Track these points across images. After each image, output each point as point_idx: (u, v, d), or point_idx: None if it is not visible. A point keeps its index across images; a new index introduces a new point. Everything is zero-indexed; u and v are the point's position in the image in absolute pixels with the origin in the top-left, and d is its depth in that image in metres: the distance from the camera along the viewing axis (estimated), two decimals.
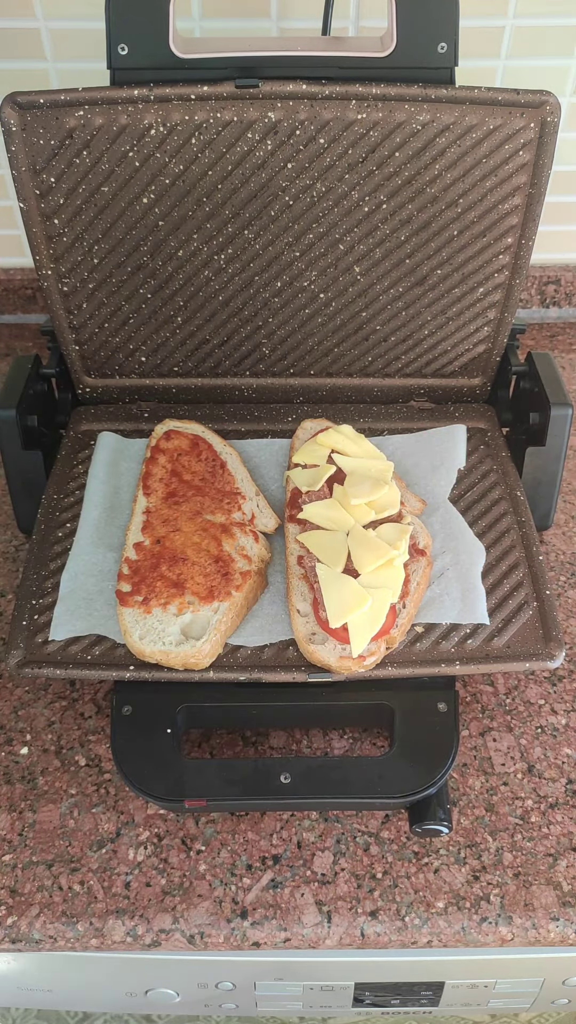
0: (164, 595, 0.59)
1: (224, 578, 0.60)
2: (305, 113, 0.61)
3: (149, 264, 0.68)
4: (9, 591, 0.73)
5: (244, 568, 0.61)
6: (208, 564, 0.61)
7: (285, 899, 0.56)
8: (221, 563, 0.61)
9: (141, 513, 0.65)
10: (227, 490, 0.67)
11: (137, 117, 0.61)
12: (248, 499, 0.67)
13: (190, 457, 0.69)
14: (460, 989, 0.67)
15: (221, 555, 0.62)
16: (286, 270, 0.69)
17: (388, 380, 0.77)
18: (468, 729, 0.64)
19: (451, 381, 0.77)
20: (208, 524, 0.64)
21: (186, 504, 0.65)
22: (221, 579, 0.60)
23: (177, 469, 0.68)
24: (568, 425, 0.68)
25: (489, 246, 0.67)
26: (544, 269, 0.99)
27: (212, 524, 0.64)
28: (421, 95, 0.60)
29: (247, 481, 0.69)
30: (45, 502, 0.69)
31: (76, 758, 0.62)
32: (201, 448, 0.70)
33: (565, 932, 0.55)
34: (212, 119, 0.61)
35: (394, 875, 0.57)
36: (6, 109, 0.60)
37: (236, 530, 0.64)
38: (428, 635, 0.60)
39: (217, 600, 0.59)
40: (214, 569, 0.61)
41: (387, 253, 0.68)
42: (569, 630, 0.70)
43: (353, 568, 0.59)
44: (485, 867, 0.57)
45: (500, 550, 0.65)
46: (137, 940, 0.55)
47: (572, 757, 0.63)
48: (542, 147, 0.62)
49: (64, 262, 0.68)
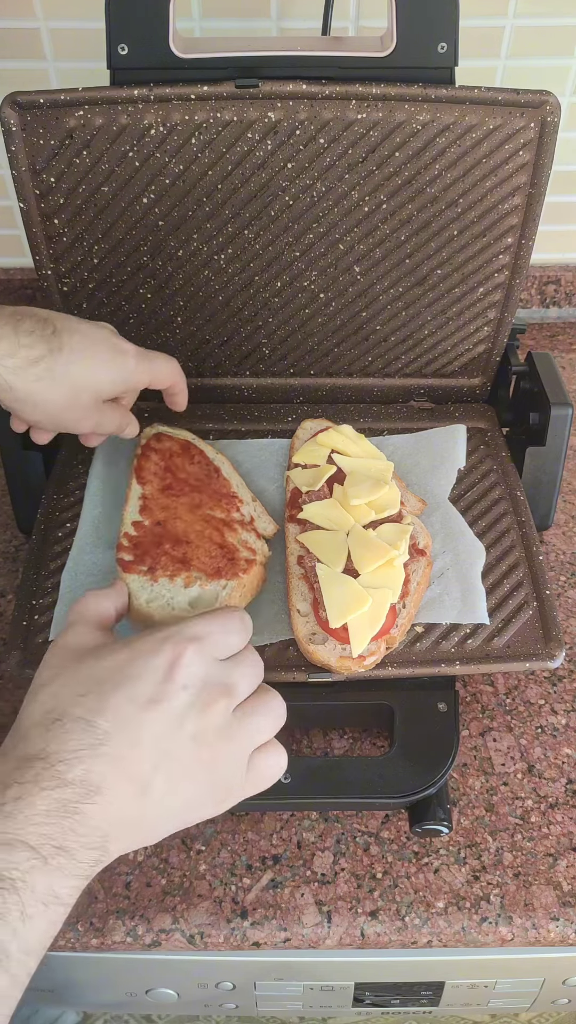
0: (170, 568, 0.58)
1: (230, 562, 0.59)
2: (305, 113, 0.61)
3: (149, 264, 0.68)
4: (9, 591, 0.73)
5: (249, 557, 0.61)
6: (213, 549, 0.60)
7: (285, 899, 0.56)
8: (226, 550, 0.60)
9: (137, 499, 0.64)
10: (224, 492, 0.66)
11: (137, 117, 0.61)
12: (246, 503, 0.66)
13: (183, 459, 0.68)
14: (460, 989, 0.67)
15: (225, 543, 0.61)
16: (286, 270, 0.69)
17: (388, 380, 0.77)
18: (468, 729, 0.64)
19: (451, 381, 0.77)
20: (209, 517, 0.63)
21: (185, 497, 0.64)
22: (227, 563, 0.59)
23: (171, 467, 0.67)
24: (568, 425, 0.68)
25: (489, 246, 0.67)
26: (544, 269, 0.99)
27: (213, 518, 0.63)
28: (421, 95, 0.60)
29: (242, 487, 0.68)
30: (45, 502, 0.69)
31: None
32: (193, 452, 0.69)
33: (565, 932, 0.55)
34: (212, 119, 0.61)
35: (394, 875, 0.57)
36: (6, 109, 0.60)
37: (238, 527, 0.63)
38: (428, 635, 0.60)
39: (224, 579, 0.58)
40: (219, 554, 0.60)
41: (387, 253, 0.68)
42: (569, 630, 0.70)
43: (353, 568, 0.59)
44: (485, 867, 0.57)
45: (500, 550, 0.65)
46: (137, 940, 0.55)
47: (572, 757, 0.63)
48: (542, 147, 0.62)
49: (64, 262, 0.68)
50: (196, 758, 0.43)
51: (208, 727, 0.43)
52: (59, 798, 0.39)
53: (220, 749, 0.44)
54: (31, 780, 0.39)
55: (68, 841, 0.39)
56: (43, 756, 0.40)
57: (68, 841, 0.39)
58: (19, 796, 0.38)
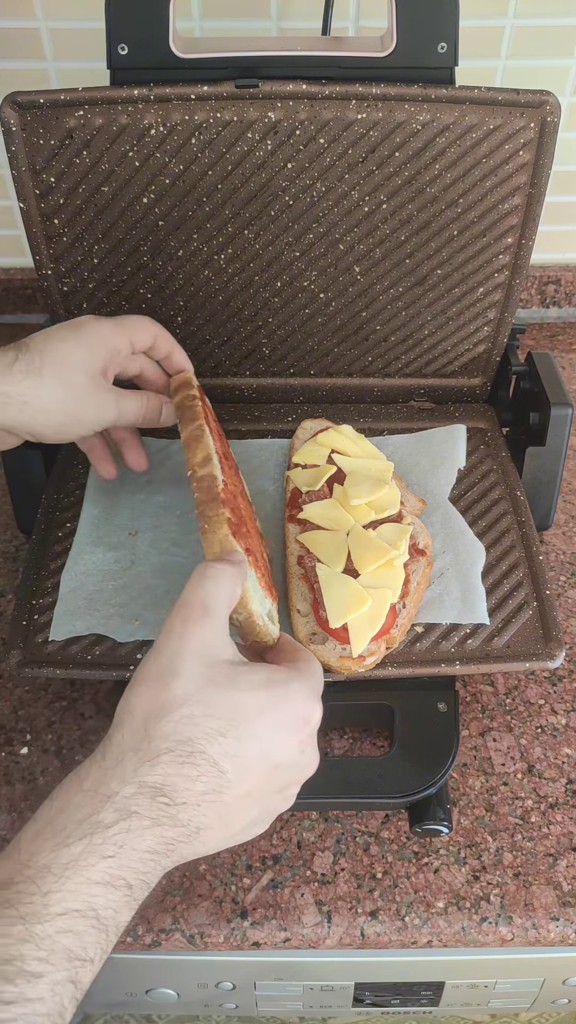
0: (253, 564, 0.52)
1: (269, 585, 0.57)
2: (305, 113, 0.61)
3: (149, 264, 0.68)
4: (9, 591, 0.73)
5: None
6: (263, 560, 0.58)
7: (285, 899, 0.56)
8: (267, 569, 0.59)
9: (213, 450, 0.54)
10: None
11: (137, 117, 0.61)
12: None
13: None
14: (460, 989, 0.67)
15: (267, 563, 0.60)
16: (286, 270, 0.69)
17: (388, 380, 0.77)
18: (468, 729, 0.64)
19: (451, 381, 0.77)
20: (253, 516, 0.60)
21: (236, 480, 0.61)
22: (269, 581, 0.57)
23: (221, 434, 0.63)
24: (568, 425, 0.68)
25: (489, 246, 0.67)
26: (544, 269, 0.99)
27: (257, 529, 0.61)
28: (421, 95, 0.60)
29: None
30: (45, 502, 0.69)
31: (76, 758, 0.62)
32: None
33: (565, 932, 0.55)
34: (212, 119, 0.61)
35: (394, 875, 0.57)
36: (6, 109, 0.60)
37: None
38: (428, 635, 0.60)
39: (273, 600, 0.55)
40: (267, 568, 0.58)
41: (387, 253, 0.68)
42: (569, 630, 0.70)
43: (353, 568, 0.59)
44: (485, 867, 0.57)
45: (500, 550, 0.65)
46: (137, 940, 0.55)
47: (572, 757, 0.63)
48: (542, 147, 0.62)
49: (64, 262, 0.68)
50: (276, 808, 0.44)
51: (295, 784, 0.45)
52: (166, 838, 0.38)
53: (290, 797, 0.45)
54: (149, 816, 0.38)
55: (152, 877, 0.38)
56: (167, 791, 0.38)
57: (152, 877, 0.38)
58: (130, 829, 0.37)
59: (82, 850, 0.36)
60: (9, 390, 0.54)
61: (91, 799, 0.38)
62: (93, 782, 0.38)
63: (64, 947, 0.34)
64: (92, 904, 0.36)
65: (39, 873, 0.35)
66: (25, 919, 0.34)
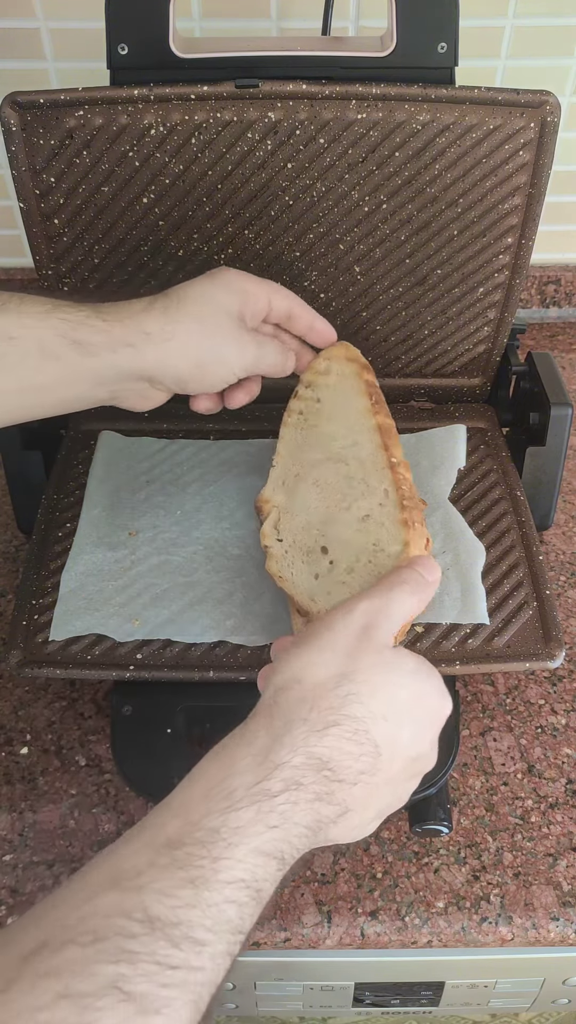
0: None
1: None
2: (305, 113, 0.61)
3: (149, 264, 0.68)
4: (9, 591, 0.73)
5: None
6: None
7: (285, 899, 0.56)
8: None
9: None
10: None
11: (137, 117, 0.61)
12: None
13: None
14: (460, 989, 0.67)
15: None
16: (286, 270, 0.69)
17: (388, 380, 0.76)
18: (468, 729, 0.64)
19: (451, 381, 0.77)
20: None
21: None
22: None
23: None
24: (568, 425, 0.68)
25: (489, 246, 0.67)
26: (544, 269, 0.99)
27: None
28: (421, 95, 0.60)
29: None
30: (45, 502, 0.69)
31: (76, 758, 0.62)
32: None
33: (565, 932, 0.55)
34: (212, 119, 0.61)
35: (394, 875, 0.57)
36: (6, 109, 0.60)
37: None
38: (428, 635, 0.60)
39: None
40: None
41: (387, 253, 0.68)
42: (569, 630, 0.70)
43: None
44: (485, 867, 0.57)
45: (500, 550, 0.65)
46: None
47: (572, 757, 0.63)
48: (542, 147, 0.62)
49: (64, 262, 0.68)
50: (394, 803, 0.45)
51: (418, 777, 0.45)
52: (320, 815, 0.38)
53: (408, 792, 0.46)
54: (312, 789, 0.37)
55: (298, 855, 0.38)
56: (332, 765, 0.38)
57: (298, 855, 0.38)
58: (295, 801, 0.37)
59: (251, 817, 0.35)
60: (151, 328, 0.55)
61: (259, 765, 0.37)
62: (261, 747, 0.38)
63: (227, 918, 0.33)
64: (255, 875, 0.35)
65: (209, 836, 0.34)
66: (195, 883, 0.33)
